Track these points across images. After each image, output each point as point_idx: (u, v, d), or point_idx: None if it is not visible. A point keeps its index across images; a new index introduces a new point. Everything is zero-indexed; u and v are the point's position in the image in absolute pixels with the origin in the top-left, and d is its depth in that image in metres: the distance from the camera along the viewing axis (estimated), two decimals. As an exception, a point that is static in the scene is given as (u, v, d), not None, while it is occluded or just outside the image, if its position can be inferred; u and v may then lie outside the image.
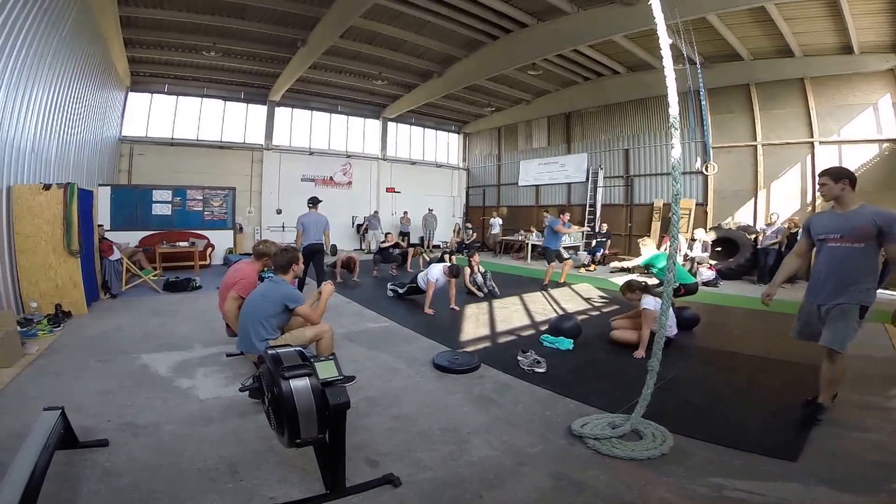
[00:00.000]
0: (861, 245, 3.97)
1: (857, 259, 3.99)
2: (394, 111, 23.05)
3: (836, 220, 4.16)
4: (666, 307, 3.92)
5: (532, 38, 14.26)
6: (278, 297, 4.82)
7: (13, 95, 7.06)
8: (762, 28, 12.59)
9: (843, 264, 4.05)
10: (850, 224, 4.02)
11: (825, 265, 4.20)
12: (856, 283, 3.98)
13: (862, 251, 3.97)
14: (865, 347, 6.74)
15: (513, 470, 3.34)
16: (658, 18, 3.74)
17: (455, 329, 7.55)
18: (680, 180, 3.85)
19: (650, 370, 3.83)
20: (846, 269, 4.03)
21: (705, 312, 8.41)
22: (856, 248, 3.99)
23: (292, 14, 13.42)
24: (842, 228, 4.07)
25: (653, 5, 3.73)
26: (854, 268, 4.00)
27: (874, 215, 3.92)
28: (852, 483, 3.18)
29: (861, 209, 4.05)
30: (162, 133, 18.70)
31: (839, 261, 4.07)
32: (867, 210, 4.00)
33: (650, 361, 3.84)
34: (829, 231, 4.18)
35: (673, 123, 3.81)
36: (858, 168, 13.21)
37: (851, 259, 4.01)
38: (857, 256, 3.99)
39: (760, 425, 4.09)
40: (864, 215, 3.99)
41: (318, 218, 9.96)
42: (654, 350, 3.84)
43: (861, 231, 3.95)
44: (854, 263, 4.00)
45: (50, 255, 7.52)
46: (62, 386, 4.69)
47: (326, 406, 2.87)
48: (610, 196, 19.84)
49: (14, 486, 2.31)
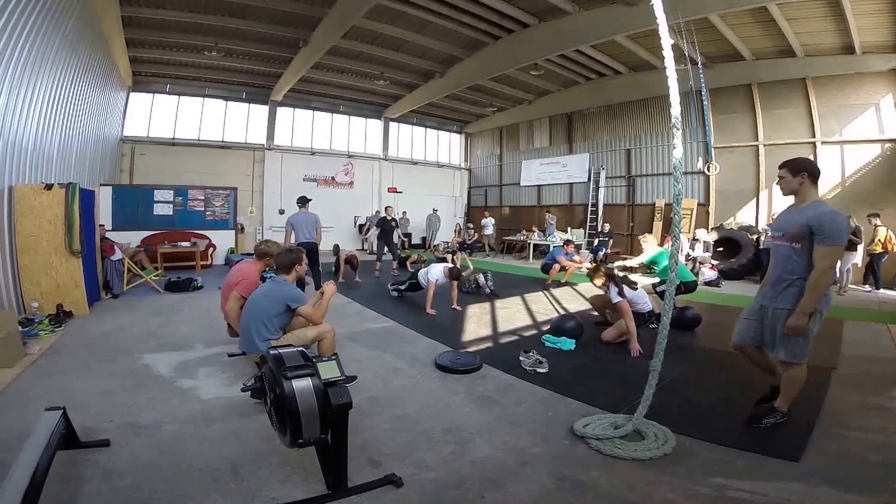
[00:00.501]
0: (798, 245, 3.73)
1: (792, 259, 3.77)
2: (396, 111, 23.08)
3: (784, 217, 4.02)
4: (668, 308, 3.89)
5: (534, 38, 14.28)
6: (281, 297, 4.81)
7: (15, 95, 7.06)
8: (764, 28, 12.61)
9: (781, 264, 3.88)
10: (791, 221, 3.82)
11: (771, 264, 4.10)
12: (792, 284, 3.75)
13: (797, 251, 3.74)
14: (868, 348, 6.76)
15: (515, 470, 3.33)
16: (660, 18, 3.73)
17: (457, 329, 7.55)
18: (681, 180, 3.78)
19: (652, 370, 3.81)
20: (783, 269, 3.84)
21: (707, 312, 8.40)
22: (793, 248, 3.78)
23: (294, 14, 13.44)
24: (785, 226, 3.89)
25: (654, 5, 3.72)
26: (790, 268, 3.79)
27: (811, 214, 3.65)
28: (855, 483, 3.17)
29: (808, 207, 3.77)
30: (163, 133, 18.75)
31: (779, 260, 3.93)
32: (811, 208, 3.73)
33: (652, 361, 3.82)
34: (776, 228, 4.07)
35: (675, 124, 3.77)
36: (860, 168, 13.24)
37: (788, 258, 3.81)
38: (792, 256, 3.77)
39: (762, 425, 4.06)
40: (804, 213, 3.73)
41: (307, 216, 9.99)
42: (656, 350, 3.82)
43: (797, 230, 3.71)
44: (789, 264, 3.80)
45: (51, 255, 7.52)
46: (64, 386, 4.69)
47: (329, 406, 2.86)
48: (612, 196, 19.88)
49: (16, 486, 2.31)
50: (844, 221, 3.78)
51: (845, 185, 13.60)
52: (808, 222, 3.62)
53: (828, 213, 3.62)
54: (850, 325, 8.07)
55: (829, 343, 6.92)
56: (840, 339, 7.20)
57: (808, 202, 3.81)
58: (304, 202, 10.24)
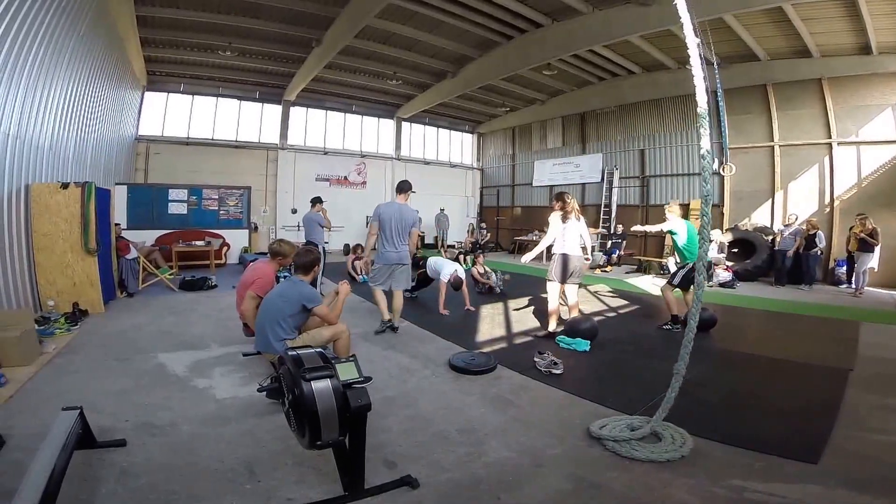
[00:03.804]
0: None
1: None
2: (408, 111, 23.08)
3: None
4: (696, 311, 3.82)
5: (547, 38, 14.23)
6: (296, 297, 4.81)
7: (32, 95, 7.13)
8: (779, 28, 12.51)
9: None
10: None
11: None
12: None
13: None
14: (885, 349, 6.70)
15: (531, 472, 3.32)
16: (683, 17, 3.69)
17: (470, 330, 7.54)
18: (710, 180, 3.71)
19: (676, 373, 3.77)
20: None
21: (722, 314, 8.33)
22: None
23: (307, 14, 13.46)
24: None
25: (678, 4, 3.69)
26: None
27: None
28: (873, 485, 3.15)
29: None
30: (178, 132, 18.84)
31: None
32: None
33: (676, 364, 3.79)
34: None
35: (701, 122, 3.71)
36: (877, 169, 13.13)
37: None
38: None
39: (780, 427, 4.05)
40: None
41: (311, 216, 10.19)
42: (682, 353, 3.78)
43: None
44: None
45: (67, 254, 7.57)
46: (79, 385, 4.71)
47: (347, 408, 2.86)
48: (625, 197, 19.75)
49: (34, 487, 2.32)
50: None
51: (862, 185, 13.46)
52: None
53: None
54: (866, 327, 8.03)
55: (846, 344, 6.90)
56: (857, 340, 7.17)
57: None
58: (313, 203, 10.36)
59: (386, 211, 7.16)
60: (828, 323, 8.63)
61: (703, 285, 3.88)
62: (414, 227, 7.45)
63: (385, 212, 7.14)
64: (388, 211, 7.19)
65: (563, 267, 6.95)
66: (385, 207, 7.21)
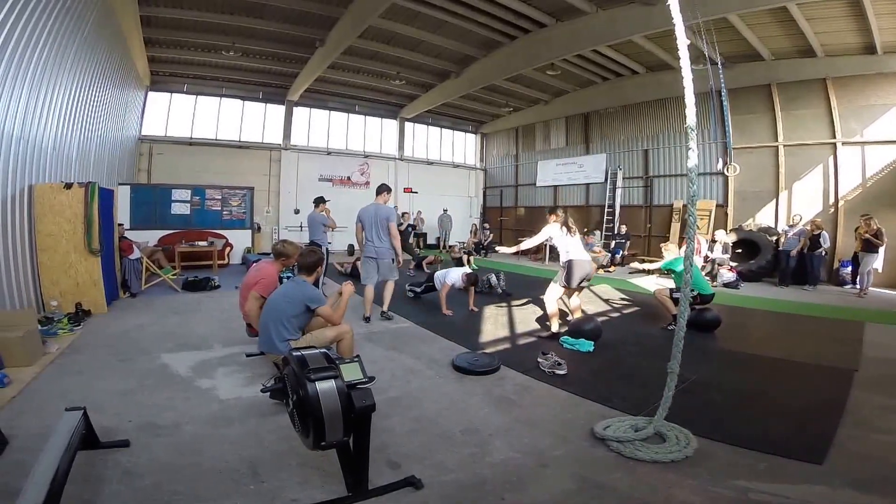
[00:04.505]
0: None
1: None
2: (411, 111, 23.11)
3: None
4: (684, 310, 3.86)
5: (550, 39, 14.24)
6: (300, 297, 4.80)
7: (35, 95, 7.13)
8: (783, 28, 12.49)
9: None
10: None
11: None
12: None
13: None
14: (889, 350, 6.68)
15: (535, 472, 3.31)
16: (676, 19, 3.68)
17: (474, 330, 7.52)
18: (696, 182, 3.74)
19: (670, 372, 3.79)
20: None
21: (726, 314, 8.30)
22: None
23: (311, 14, 13.48)
24: None
25: (671, 6, 3.68)
26: None
27: None
28: (877, 485, 3.14)
29: None
30: (181, 132, 18.92)
31: None
32: None
33: (669, 363, 3.80)
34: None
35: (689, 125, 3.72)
36: (882, 169, 13.07)
37: None
38: None
39: (784, 428, 4.03)
40: None
41: (315, 216, 10.13)
42: (674, 352, 3.79)
43: None
44: None
45: (71, 254, 7.57)
46: (83, 385, 4.70)
47: (352, 408, 2.84)
48: (629, 197, 19.73)
49: (38, 487, 2.31)
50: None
51: (866, 185, 13.41)
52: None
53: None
54: (871, 327, 8.01)
55: (851, 345, 6.88)
56: (861, 341, 7.15)
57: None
58: (316, 203, 10.34)
59: (365, 211, 7.95)
60: (832, 323, 8.61)
61: (689, 283, 3.92)
62: (389, 220, 7.95)
63: (364, 212, 7.95)
64: (366, 211, 7.97)
65: (574, 273, 6.97)
66: (364, 209, 8.00)
